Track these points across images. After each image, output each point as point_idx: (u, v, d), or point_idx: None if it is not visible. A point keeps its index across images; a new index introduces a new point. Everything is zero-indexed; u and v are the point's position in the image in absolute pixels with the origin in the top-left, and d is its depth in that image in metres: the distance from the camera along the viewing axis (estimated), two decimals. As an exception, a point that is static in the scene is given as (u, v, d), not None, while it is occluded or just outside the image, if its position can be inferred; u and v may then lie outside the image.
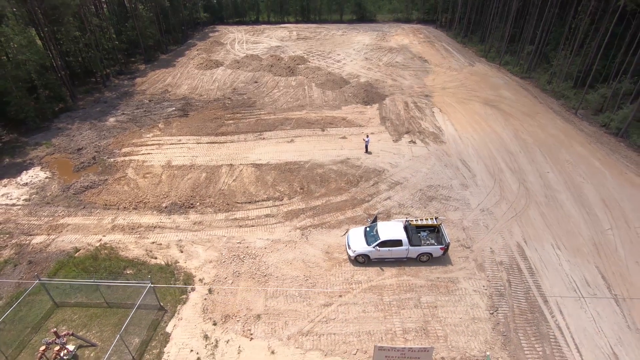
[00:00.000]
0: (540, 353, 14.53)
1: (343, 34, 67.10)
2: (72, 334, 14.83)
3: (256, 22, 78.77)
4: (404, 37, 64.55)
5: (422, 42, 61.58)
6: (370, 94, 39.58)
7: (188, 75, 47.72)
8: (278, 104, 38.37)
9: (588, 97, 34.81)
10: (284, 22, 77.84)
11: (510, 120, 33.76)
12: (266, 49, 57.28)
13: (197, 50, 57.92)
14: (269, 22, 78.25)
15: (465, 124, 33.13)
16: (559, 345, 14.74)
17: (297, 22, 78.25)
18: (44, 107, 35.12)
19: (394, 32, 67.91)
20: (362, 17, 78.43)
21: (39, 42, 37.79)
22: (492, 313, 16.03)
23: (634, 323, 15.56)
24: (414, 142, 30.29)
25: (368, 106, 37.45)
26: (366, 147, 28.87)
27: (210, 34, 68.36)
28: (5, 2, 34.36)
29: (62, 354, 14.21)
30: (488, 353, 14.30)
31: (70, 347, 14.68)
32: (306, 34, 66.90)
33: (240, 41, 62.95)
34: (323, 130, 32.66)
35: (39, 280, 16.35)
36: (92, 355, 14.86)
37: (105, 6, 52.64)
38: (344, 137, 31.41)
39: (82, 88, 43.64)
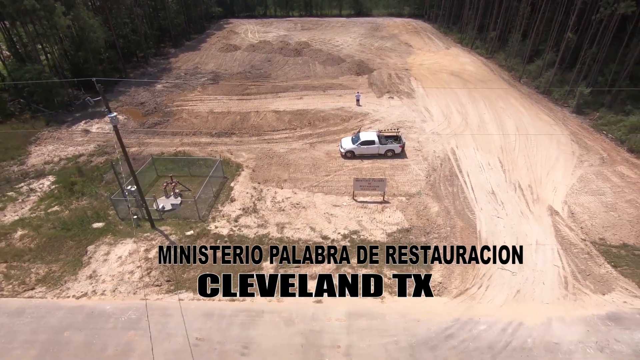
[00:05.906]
0: (450, 191, 24.87)
1: (342, 25, 77.36)
2: (178, 182, 25.19)
3: (264, 15, 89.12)
4: (395, 28, 74.75)
5: (410, 32, 71.83)
6: (361, 68, 49.93)
7: (212, 56, 58.02)
8: (289, 76, 48.69)
9: (529, 67, 45.10)
10: (288, 16, 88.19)
11: (468, 84, 44.05)
12: (275, 37, 67.56)
13: (217, 37, 68.29)
14: (275, 16, 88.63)
15: (432, 87, 43.44)
16: (462, 188, 25.08)
17: (300, 16, 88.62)
18: (108, 75, 45.55)
19: (387, 24, 78.11)
20: (359, 12, 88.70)
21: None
22: (427, 177, 26.33)
23: (509, 178, 25.92)
24: (392, 98, 40.61)
25: (359, 76, 47.79)
26: (357, 100, 39.08)
27: (225, 25, 78.66)
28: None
29: (175, 190, 24.55)
30: (419, 189, 24.64)
31: (177, 190, 24.96)
32: (309, 26, 77.19)
33: (252, 31, 73.24)
34: (324, 92, 42.98)
35: (152, 157, 26.73)
36: (189, 194, 25.18)
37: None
38: (340, 96, 41.70)
39: (128, 65, 53.98)
